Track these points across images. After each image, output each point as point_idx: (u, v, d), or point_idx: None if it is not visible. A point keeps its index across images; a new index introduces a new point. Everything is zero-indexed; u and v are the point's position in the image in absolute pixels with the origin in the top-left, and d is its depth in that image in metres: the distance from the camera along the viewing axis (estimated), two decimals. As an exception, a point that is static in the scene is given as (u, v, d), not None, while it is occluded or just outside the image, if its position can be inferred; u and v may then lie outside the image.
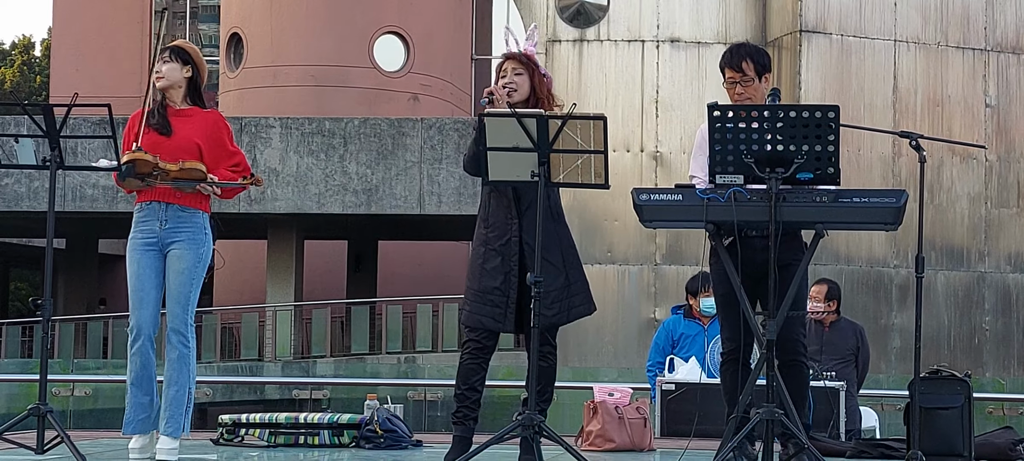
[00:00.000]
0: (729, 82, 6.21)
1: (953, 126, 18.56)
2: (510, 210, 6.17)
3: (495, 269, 6.15)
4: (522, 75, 6.24)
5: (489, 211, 6.24)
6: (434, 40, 32.96)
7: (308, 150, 24.14)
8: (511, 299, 6.12)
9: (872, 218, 5.87)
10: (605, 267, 18.29)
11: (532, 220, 6.08)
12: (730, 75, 6.22)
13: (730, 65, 6.23)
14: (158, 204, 6.33)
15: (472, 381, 6.22)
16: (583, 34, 18.68)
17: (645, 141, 18.44)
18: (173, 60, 6.39)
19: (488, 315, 6.15)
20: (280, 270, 27.53)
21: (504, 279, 6.12)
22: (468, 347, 6.24)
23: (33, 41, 55.82)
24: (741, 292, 5.89)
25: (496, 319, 6.15)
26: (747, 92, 6.15)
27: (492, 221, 6.22)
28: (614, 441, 7.50)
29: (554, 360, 6.26)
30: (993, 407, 13.48)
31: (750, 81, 6.17)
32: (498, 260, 6.15)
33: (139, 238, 6.37)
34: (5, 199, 24.39)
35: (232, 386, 21.98)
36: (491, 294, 6.15)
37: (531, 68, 6.25)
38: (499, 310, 6.14)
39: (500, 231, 6.18)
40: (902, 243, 18.15)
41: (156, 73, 6.37)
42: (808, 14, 18.20)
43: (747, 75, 6.17)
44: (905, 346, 18.26)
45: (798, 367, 6.22)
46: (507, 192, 6.18)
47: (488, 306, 6.15)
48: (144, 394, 6.38)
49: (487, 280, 6.16)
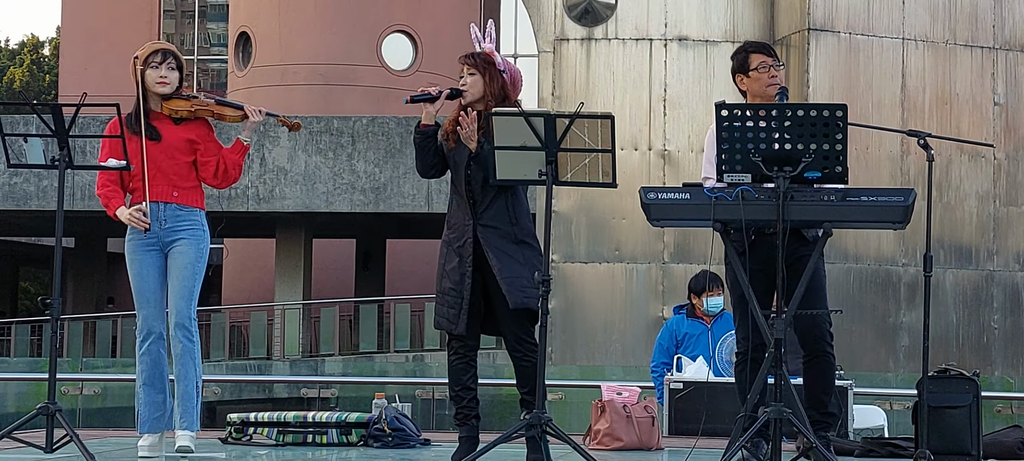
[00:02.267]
0: (760, 67, 6.33)
1: (961, 124, 18.51)
2: (467, 210, 6.17)
3: (452, 270, 6.16)
4: (475, 75, 6.21)
5: (451, 212, 6.26)
6: (442, 39, 32.97)
7: (316, 149, 24.15)
8: (466, 300, 6.11)
9: (880, 217, 5.87)
10: (613, 265, 18.28)
11: (488, 219, 6.07)
12: (763, 59, 6.36)
13: (763, 51, 6.43)
14: (156, 204, 6.35)
15: (463, 380, 6.24)
16: (591, 33, 18.67)
17: (653, 139, 18.42)
18: (176, 69, 6.42)
19: (444, 316, 6.18)
20: (288, 269, 27.56)
21: (459, 279, 6.13)
22: (452, 347, 6.25)
23: (42, 40, 55.89)
24: (748, 290, 5.89)
25: (450, 320, 6.16)
26: (780, 76, 6.32)
27: (453, 222, 6.23)
28: (622, 440, 7.50)
29: (534, 359, 6.15)
30: (1002, 406, 13.47)
31: (782, 66, 6.37)
32: (455, 261, 6.16)
33: (138, 239, 6.40)
34: (14, 198, 24.43)
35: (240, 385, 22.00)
36: (447, 295, 6.17)
37: (483, 68, 6.20)
38: (453, 311, 6.14)
39: (459, 232, 6.19)
40: (910, 241, 18.11)
41: (162, 78, 6.39)
42: (816, 12, 18.17)
43: (780, 61, 6.38)
44: (913, 345, 18.22)
45: (825, 358, 6.29)
46: (463, 191, 6.17)
47: (445, 307, 6.17)
48: (158, 393, 6.43)
49: (445, 281, 6.18)
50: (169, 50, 6.48)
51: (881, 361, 17.61)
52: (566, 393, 13.42)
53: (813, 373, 6.31)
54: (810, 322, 6.19)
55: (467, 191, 6.16)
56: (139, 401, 6.44)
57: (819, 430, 6.18)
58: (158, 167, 6.35)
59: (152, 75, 6.39)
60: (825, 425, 6.32)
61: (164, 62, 6.40)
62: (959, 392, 6.47)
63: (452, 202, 6.28)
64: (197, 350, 6.43)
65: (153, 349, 6.41)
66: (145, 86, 6.41)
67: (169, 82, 6.39)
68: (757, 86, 6.34)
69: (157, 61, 6.40)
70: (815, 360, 6.30)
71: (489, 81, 6.19)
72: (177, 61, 6.46)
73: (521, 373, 6.13)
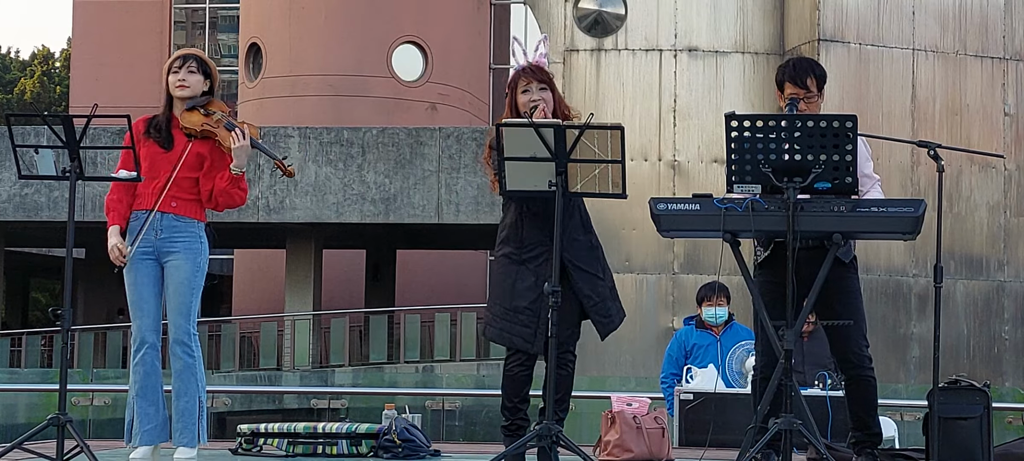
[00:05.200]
0: (789, 98, 6.13)
1: (971, 135, 18.49)
2: (545, 230, 6.14)
3: (527, 288, 6.15)
4: (546, 91, 6.23)
5: (523, 230, 6.20)
6: (452, 49, 33.00)
7: (326, 159, 24.17)
8: (542, 319, 6.11)
9: (890, 227, 5.86)
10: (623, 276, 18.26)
11: (570, 237, 6.09)
12: (792, 92, 6.16)
13: (793, 81, 6.18)
14: (154, 213, 6.34)
15: (523, 393, 6.27)
16: (601, 43, 18.68)
17: (663, 150, 18.42)
18: (198, 71, 6.39)
19: (518, 335, 6.16)
20: (299, 279, 27.57)
21: (536, 299, 6.12)
22: (516, 359, 6.24)
23: (53, 52, 56.01)
24: (759, 302, 5.89)
25: (526, 339, 6.15)
26: (809, 109, 6.12)
27: (528, 241, 6.19)
28: (632, 451, 7.49)
29: (573, 368, 6.28)
30: (1012, 417, 13.42)
31: (813, 98, 6.16)
32: (532, 279, 6.15)
33: (135, 248, 6.35)
34: (25, 209, 24.48)
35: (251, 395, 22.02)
36: (522, 314, 6.15)
37: (550, 83, 6.24)
38: (529, 331, 6.14)
39: (537, 251, 6.16)
40: (921, 252, 18.09)
41: (181, 81, 6.36)
42: (826, 23, 18.17)
43: (811, 92, 6.16)
44: (924, 355, 18.19)
45: (864, 380, 6.25)
46: (540, 212, 6.15)
47: (519, 326, 6.15)
48: (150, 404, 6.35)
49: (517, 300, 6.16)
50: (191, 54, 6.43)
51: (891, 372, 17.58)
52: (576, 404, 13.38)
53: (854, 394, 6.29)
54: (844, 343, 6.18)
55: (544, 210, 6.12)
56: (131, 412, 6.38)
57: (864, 450, 6.24)
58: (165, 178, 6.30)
59: (172, 80, 6.37)
60: (870, 444, 6.32)
61: (184, 66, 6.36)
62: (970, 403, 6.46)
63: (522, 221, 6.21)
64: (199, 365, 6.38)
65: (147, 359, 6.34)
66: (170, 94, 6.39)
67: (188, 86, 6.34)
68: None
69: (177, 65, 6.37)
70: (854, 383, 6.28)
71: (559, 96, 6.25)
72: (201, 65, 6.40)
73: (559, 381, 6.13)
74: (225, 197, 6.35)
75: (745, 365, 8.77)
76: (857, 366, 6.23)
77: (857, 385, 6.27)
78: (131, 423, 6.40)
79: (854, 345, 6.20)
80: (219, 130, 6.32)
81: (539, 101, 6.17)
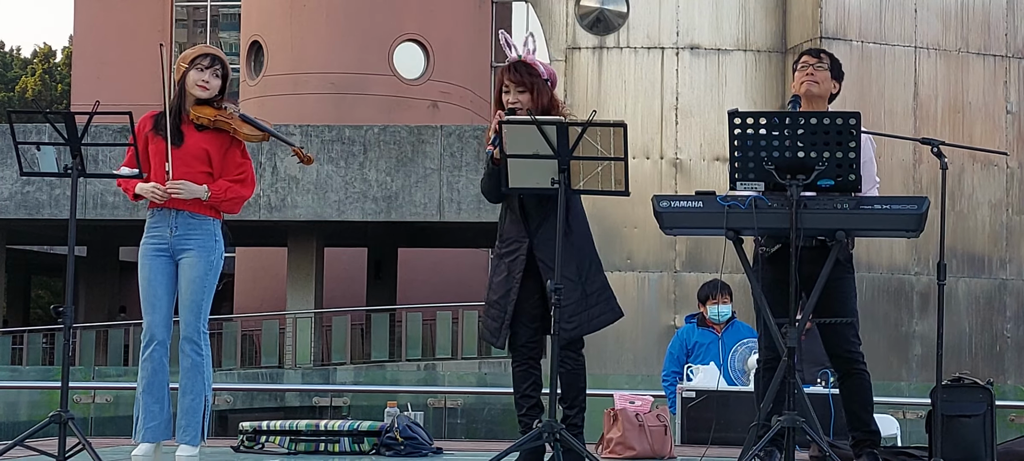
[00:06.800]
0: (801, 66, 6.31)
1: (974, 133, 18.48)
2: (521, 226, 6.16)
3: (499, 283, 6.17)
4: (524, 93, 6.14)
5: (504, 226, 6.25)
6: (454, 48, 32.99)
7: (328, 158, 24.17)
8: (508, 314, 6.11)
9: (893, 225, 5.85)
10: (624, 274, 18.25)
11: (545, 235, 6.07)
12: (804, 60, 6.34)
13: (810, 53, 6.38)
14: (169, 211, 6.32)
15: (522, 389, 6.26)
16: (603, 41, 18.66)
17: (665, 148, 18.41)
18: (219, 75, 6.35)
19: (487, 327, 6.22)
20: (300, 277, 27.57)
21: (504, 294, 6.13)
22: (514, 357, 6.28)
23: (54, 50, 56.03)
24: (762, 300, 5.87)
25: (492, 332, 6.18)
26: (817, 75, 6.27)
27: (507, 236, 6.22)
28: (634, 449, 7.49)
29: (576, 366, 6.24)
30: (1015, 414, 13.42)
31: (823, 67, 6.30)
32: (503, 274, 6.17)
33: (150, 244, 6.37)
34: (27, 207, 24.47)
35: (252, 393, 22.04)
36: (492, 307, 6.19)
37: (529, 84, 6.15)
38: (495, 324, 6.16)
39: (512, 247, 6.18)
40: (923, 250, 18.08)
41: (204, 83, 6.30)
42: (828, 21, 18.15)
43: (822, 61, 6.32)
44: (926, 353, 18.18)
45: (857, 375, 6.24)
46: (517, 208, 6.16)
47: (489, 319, 6.20)
48: (155, 401, 6.35)
49: (491, 293, 6.20)
50: (218, 56, 6.37)
51: (894, 370, 17.56)
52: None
53: (848, 392, 6.27)
54: (835, 339, 6.17)
55: (520, 206, 6.15)
56: (138, 407, 6.38)
57: (864, 449, 6.20)
58: (174, 172, 6.27)
59: (194, 77, 6.29)
60: (870, 443, 6.29)
61: (210, 67, 6.31)
62: (973, 401, 6.45)
63: (505, 216, 6.24)
64: (207, 364, 6.37)
65: (156, 356, 6.34)
66: (185, 87, 6.33)
67: (210, 88, 6.31)
68: (795, 85, 6.34)
69: (204, 64, 6.30)
70: (848, 379, 6.26)
71: (536, 96, 6.12)
72: (223, 69, 6.36)
73: (562, 378, 6.11)
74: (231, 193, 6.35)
75: (747, 363, 8.76)
76: (849, 362, 6.22)
77: (850, 382, 6.26)
78: (138, 420, 6.40)
79: (846, 342, 6.20)
80: (233, 121, 6.32)
81: (516, 103, 6.12)
